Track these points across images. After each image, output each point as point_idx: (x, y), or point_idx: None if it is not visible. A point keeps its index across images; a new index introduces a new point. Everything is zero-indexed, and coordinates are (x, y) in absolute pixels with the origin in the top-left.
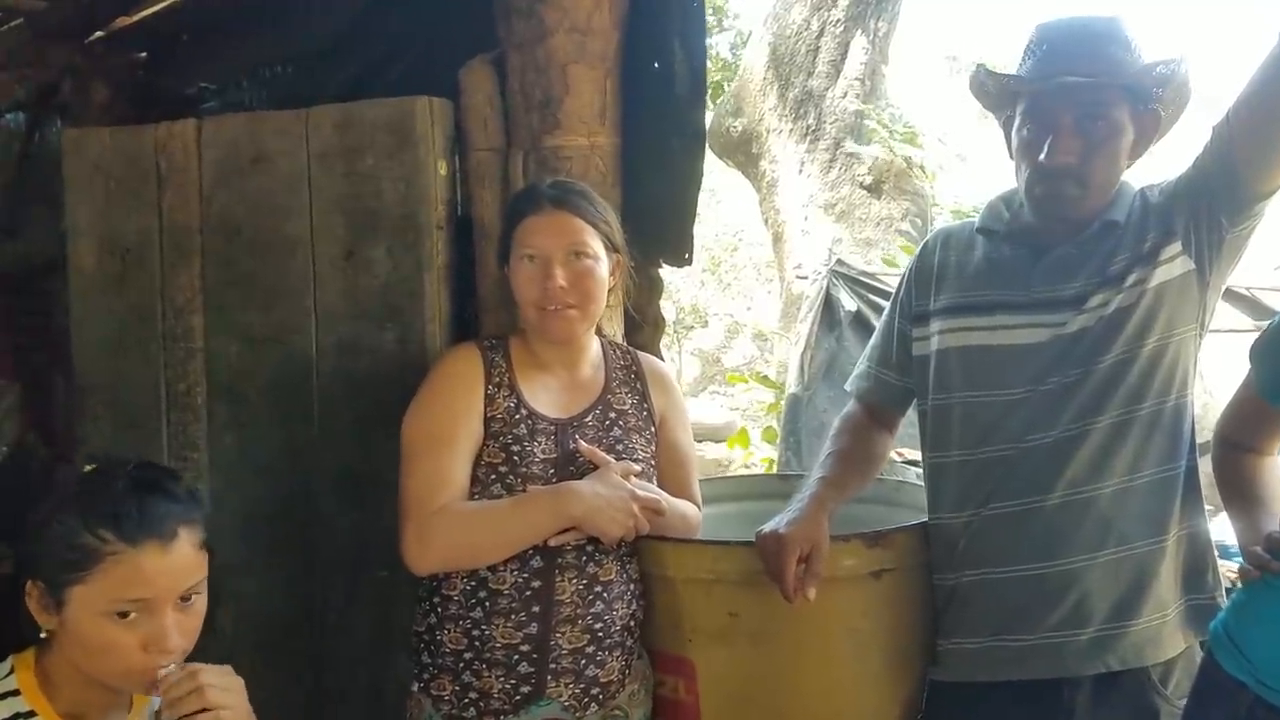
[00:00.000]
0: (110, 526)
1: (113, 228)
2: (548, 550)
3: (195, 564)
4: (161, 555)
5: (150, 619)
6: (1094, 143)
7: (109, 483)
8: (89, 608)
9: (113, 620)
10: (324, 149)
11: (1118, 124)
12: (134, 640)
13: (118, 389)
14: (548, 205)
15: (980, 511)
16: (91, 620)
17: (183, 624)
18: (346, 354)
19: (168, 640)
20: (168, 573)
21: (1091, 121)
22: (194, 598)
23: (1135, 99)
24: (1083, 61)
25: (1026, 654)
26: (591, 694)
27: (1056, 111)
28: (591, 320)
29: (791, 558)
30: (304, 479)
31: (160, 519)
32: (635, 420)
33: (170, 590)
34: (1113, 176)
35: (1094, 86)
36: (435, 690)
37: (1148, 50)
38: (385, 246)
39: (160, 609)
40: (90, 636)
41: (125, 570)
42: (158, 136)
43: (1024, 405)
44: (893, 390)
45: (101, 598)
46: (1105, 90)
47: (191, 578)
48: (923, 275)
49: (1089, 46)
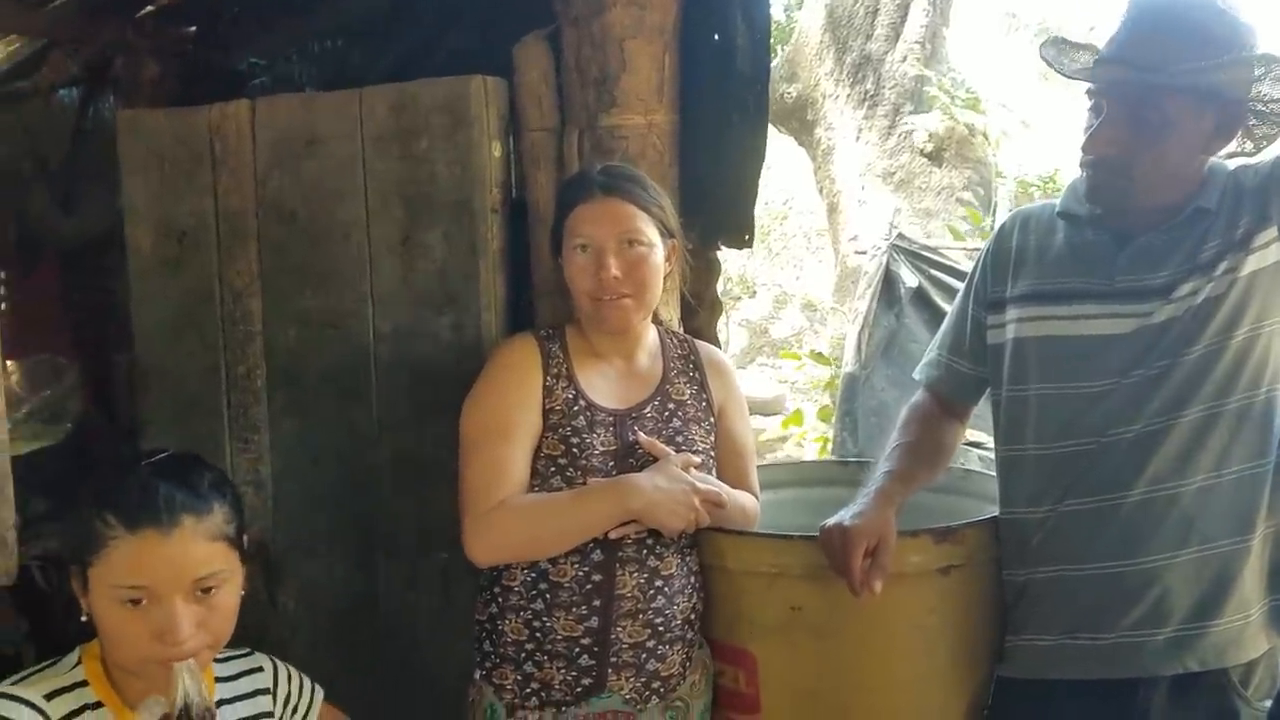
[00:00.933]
0: (113, 510)
1: (168, 210)
2: (608, 543)
3: (205, 555)
4: (161, 543)
5: (159, 608)
6: (1141, 138)
7: (130, 469)
8: (102, 593)
9: (125, 607)
10: (379, 131)
11: (1170, 118)
12: (145, 629)
13: (178, 371)
14: (598, 193)
15: (1056, 507)
16: (107, 606)
17: (201, 617)
18: (404, 340)
19: (176, 632)
20: (167, 562)
21: (1141, 113)
22: (214, 591)
23: (1199, 93)
24: (1137, 50)
25: (1101, 653)
26: (652, 688)
27: (1105, 99)
28: (647, 309)
29: (857, 552)
30: (363, 463)
31: (163, 506)
32: (694, 410)
33: (173, 580)
34: (1171, 171)
35: (1137, 80)
36: (497, 679)
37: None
38: (441, 231)
39: (167, 598)
40: (107, 622)
41: (124, 556)
42: (211, 118)
43: (1106, 398)
44: (965, 380)
45: (107, 583)
46: (1154, 84)
47: (201, 569)
48: (999, 259)
49: (1150, 33)
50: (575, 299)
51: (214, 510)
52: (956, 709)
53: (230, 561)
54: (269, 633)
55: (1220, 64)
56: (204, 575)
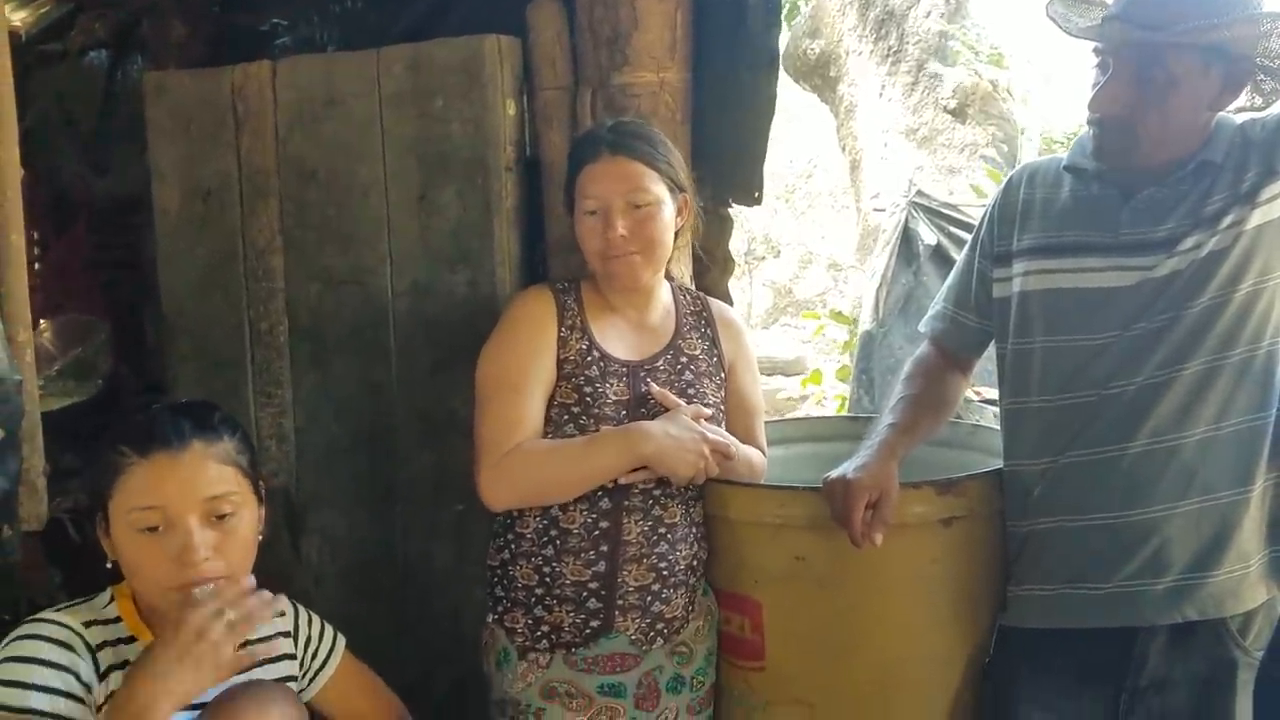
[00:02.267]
0: (125, 441)
1: (194, 170)
2: (616, 492)
3: (216, 476)
4: (170, 463)
5: (175, 532)
6: (1147, 96)
7: (142, 410)
8: (121, 524)
9: (143, 535)
10: (396, 91)
11: (1176, 76)
12: (163, 553)
13: (204, 327)
14: (605, 152)
15: (1058, 459)
16: (127, 537)
17: (217, 542)
18: (420, 296)
19: (193, 551)
20: (177, 479)
21: (1146, 72)
22: (228, 517)
23: (1204, 51)
24: (1142, 8)
25: (1101, 602)
26: (657, 629)
27: (1111, 58)
28: (656, 265)
29: (859, 503)
30: (383, 417)
31: (171, 432)
32: (705, 365)
33: (185, 499)
34: (1177, 128)
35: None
36: (509, 622)
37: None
38: (455, 189)
39: (181, 520)
40: (128, 554)
41: (137, 479)
42: (234, 79)
43: (1108, 351)
44: (970, 332)
45: (124, 510)
46: (1159, 42)
47: (212, 488)
48: (1006, 213)
49: None
50: (587, 258)
51: (223, 438)
52: (958, 657)
53: (242, 487)
54: (293, 582)
55: (1226, 21)
56: (216, 495)
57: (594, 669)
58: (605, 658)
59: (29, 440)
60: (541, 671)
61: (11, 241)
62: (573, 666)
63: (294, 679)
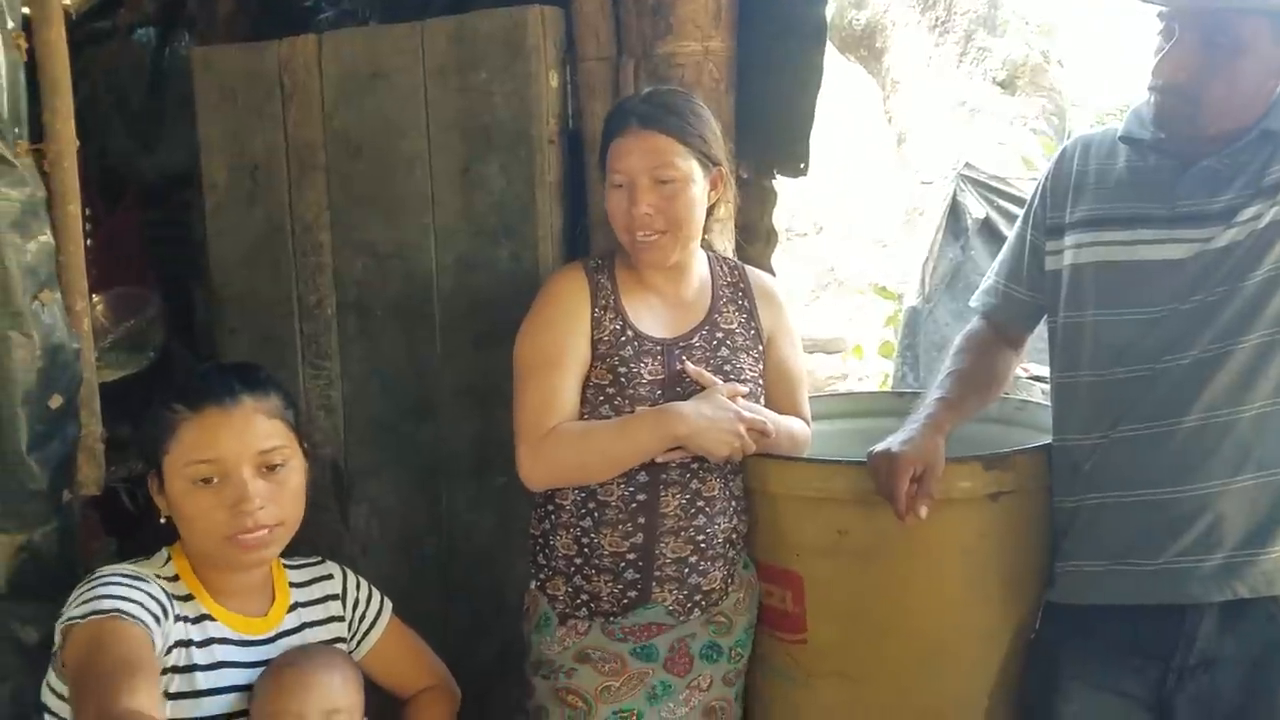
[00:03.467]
0: (177, 398)
1: (241, 145)
2: (653, 467)
3: (267, 430)
4: (222, 416)
5: (229, 482)
6: (1213, 63)
7: (185, 372)
8: (176, 478)
9: (198, 488)
10: (439, 64)
11: (1244, 43)
12: (219, 503)
13: (253, 301)
14: (634, 124)
15: (1109, 434)
16: (183, 491)
17: (271, 493)
18: (465, 270)
19: (248, 500)
20: (230, 432)
21: (1213, 38)
22: (279, 469)
23: (1274, 16)
24: None
25: (1150, 579)
26: (694, 600)
27: (1176, 23)
28: (683, 243)
29: (904, 478)
30: (427, 389)
31: (220, 387)
32: (743, 339)
33: (239, 451)
34: (1242, 96)
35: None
36: (550, 590)
37: None
38: (498, 163)
39: (235, 471)
40: (184, 508)
41: (191, 433)
42: (281, 53)
43: (1162, 324)
44: (1021, 307)
45: (180, 464)
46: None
47: (264, 441)
48: (1059, 185)
49: None
50: (616, 233)
51: (270, 395)
52: (1003, 633)
53: (290, 441)
54: (341, 550)
55: None
56: (268, 448)
57: (629, 638)
58: (642, 627)
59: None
60: (579, 638)
61: (69, 212)
62: (610, 636)
63: (342, 640)
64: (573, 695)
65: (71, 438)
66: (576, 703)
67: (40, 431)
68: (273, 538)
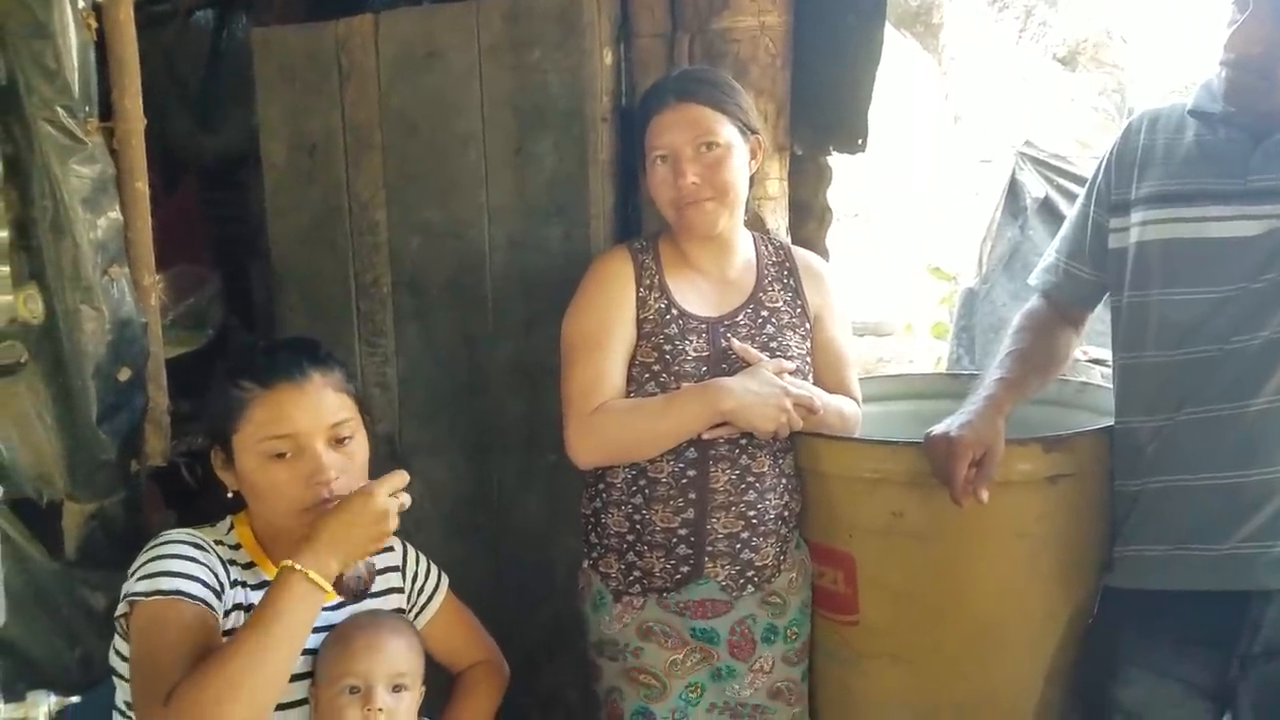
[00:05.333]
0: (247, 376)
1: (300, 124)
2: (701, 443)
3: (336, 404)
4: (295, 392)
5: (304, 455)
6: None
7: (252, 348)
8: (249, 453)
9: (272, 461)
10: (494, 42)
11: None
12: (294, 477)
13: (311, 279)
14: (672, 99)
15: (1174, 416)
16: (256, 465)
17: (342, 464)
18: (517, 249)
19: (324, 471)
20: (303, 408)
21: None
22: (348, 441)
23: None
24: None
25: (1214, 564)
26: (747, 575)
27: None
28: (731, 209)
29: (963, 461)
30: (480, 367)
31: (289, 364)
32: (789, 317)
33: (312, 425)
34: None
35: None
36: (603, 568)
37: None
38: (551, 141)
39: (309, 444)
40: (258, 482)
41: (265, 410)
42: (338, 32)
43: (1231, 304)
44: (1083, 285)
45: (253, 440)
46: None
47: (333, 414)
48: (1125, 160)
49: None
50: (661, 210)
51: (334, 369)
52: (1059, 617)
53: (356, 414)
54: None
55: None
56: (339, 421)
57: (686, 612)
58: (696, 603)
59: (154, 380)
60: (636, 613)
61: (136, 189)
62: (665, 609)
63: (401, 612)
64: (645, 675)
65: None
66: (651, 681)
67: (110, 403)
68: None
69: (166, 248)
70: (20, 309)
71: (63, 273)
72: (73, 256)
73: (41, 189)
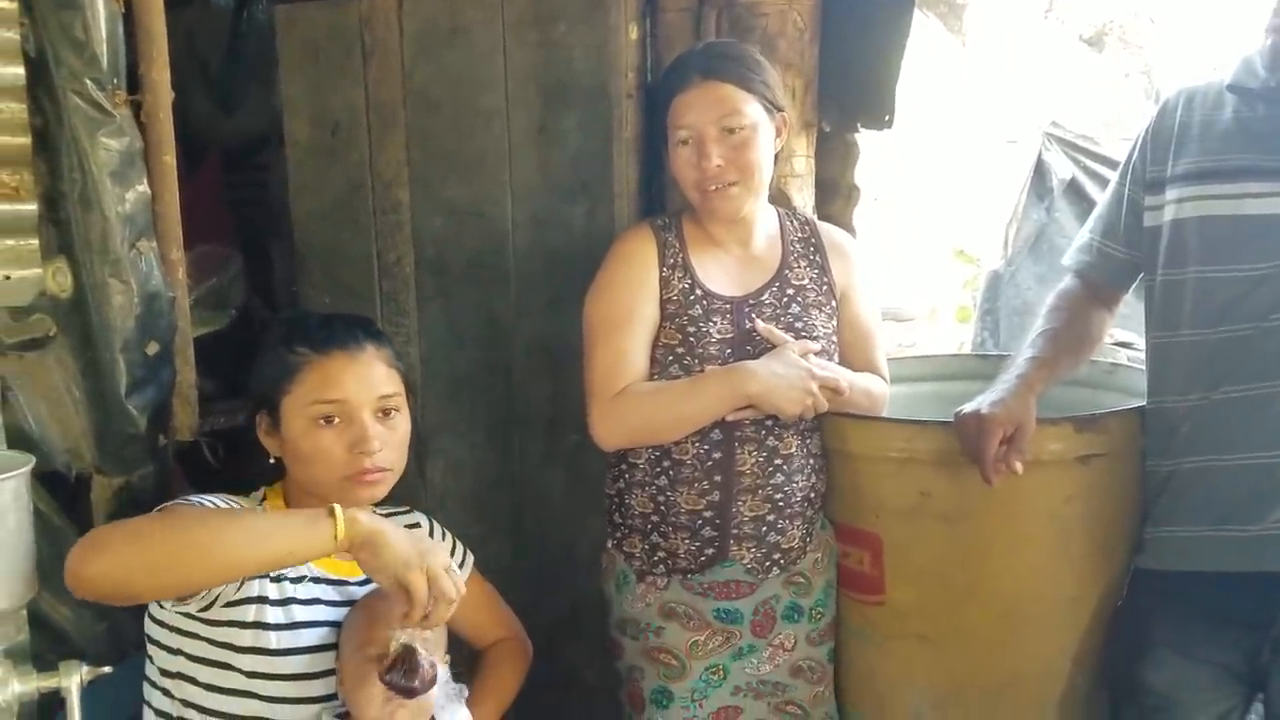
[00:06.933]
0: (303, 342)
1: (323, 102)
2: (726, 425)
3: (385, 376)
4: (349, 360)
5: (351, 423)
6: None
7: (304, 316)
8: (298, 416)
9: (319, 426)
10: (518, 17)
11: None
12: (339, 443)
13: (334, 257)
14: (696, 77)
15: (1209, 395)
16: (303, 429)
17: (386, 437)
18: (540, 228)
19: (369, 441)
20: (356, 376)
21: None
22: (394, 415)
23: None
24: None
25: (1247, 545)
26: (773, 558)
27: None
28: (756, 192)
29: (993, 439)
30: (502, 347)
31: (345, 334)
32: (814, 295)
33: (361, 394)
34: None
35: None
36: (627, 548)
37: None
38: (575, 119)
39: (357, 413)
40: (303, 445)
41: (318, 375)
42: (362, 9)
43: (1269, 281)
44: (1117, 265)
45: (303, 403)
46: None
47: (383, 386)
48: (1160, 137)
49: None
50: (684, 191)
51: (386, 345)
52: (1088, 598)
53: (402, 391)
54: (417, 503)
55: None
56: (387, 394)
57: (710, 593)
58: (721, 584)
59: (181, 354)
60: (660, 593)
61: (164, 163)
62: (690, 590)
63: None
64: (665, 654)
65: (167, 384)
66: (670, 661)
67: (139, 377)
68: (384, 479)
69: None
70: (49, 282)
71: (91, 246)
72: (101, 230)
73: (70, 162)
